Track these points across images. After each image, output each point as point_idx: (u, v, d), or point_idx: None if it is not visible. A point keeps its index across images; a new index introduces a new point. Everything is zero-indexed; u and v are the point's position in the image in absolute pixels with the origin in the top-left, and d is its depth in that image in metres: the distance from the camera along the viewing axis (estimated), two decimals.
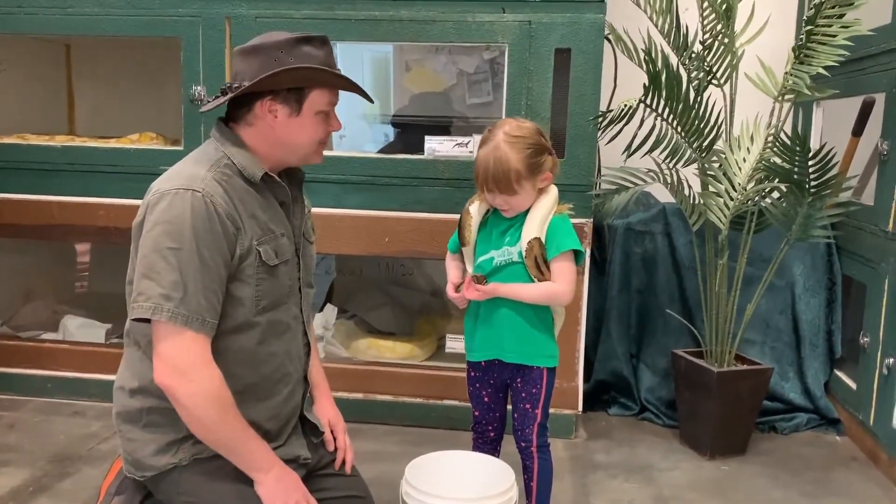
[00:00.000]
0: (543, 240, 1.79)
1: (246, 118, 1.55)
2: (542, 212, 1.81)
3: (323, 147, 1.62)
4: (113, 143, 2.85)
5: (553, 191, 1.85)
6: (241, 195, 1.50)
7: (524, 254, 1.80)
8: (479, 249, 1.89)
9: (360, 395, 2.75)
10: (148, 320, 1.41)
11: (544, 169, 1.80)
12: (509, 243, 1.83)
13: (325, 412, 1.78)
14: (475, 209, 1.90)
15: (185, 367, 1.40)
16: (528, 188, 1.78)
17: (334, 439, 1.75)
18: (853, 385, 2.74)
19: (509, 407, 1.95)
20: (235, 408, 1.44)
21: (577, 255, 1.82)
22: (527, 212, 1.83)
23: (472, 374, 1.95)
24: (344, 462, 1.74)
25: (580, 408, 2.67)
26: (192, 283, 1.40)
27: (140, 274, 1.42)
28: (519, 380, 1.87)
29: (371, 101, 1.69)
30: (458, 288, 1.89)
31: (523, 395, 1.87)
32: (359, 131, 3.75)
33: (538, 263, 1.78)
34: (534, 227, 1.79)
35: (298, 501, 1.50)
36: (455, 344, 2.76)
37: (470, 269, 1.92)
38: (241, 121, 1.56)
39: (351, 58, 3.69)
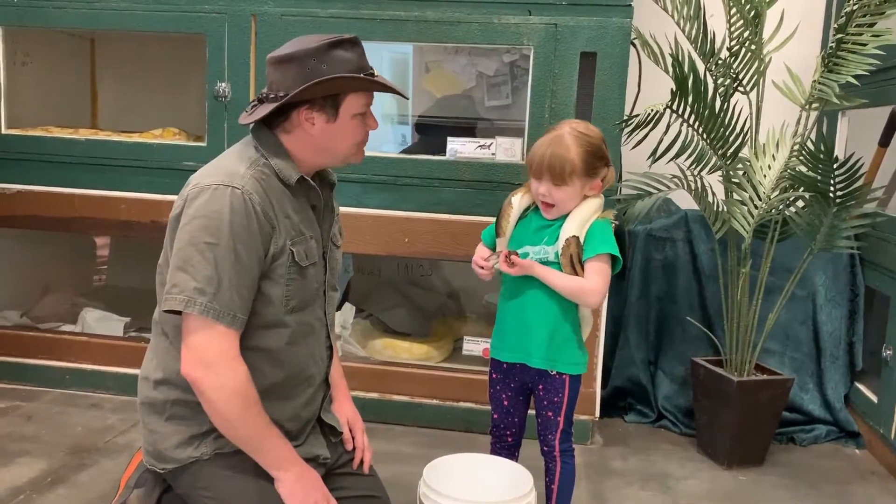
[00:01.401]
0: (582, 240, 1.78)
1: (283, 126, 1.55)
2: (584, 213, 1.79)
3: (363, 146, 1.63)
4: (136, 138, 2.87)
5: (600, 198, 1.84)
6: (277, 195, 1.51)
7: (560, 252, 1.78)
8: (512, 243, 1.87)
9: (376, 395, 2.74)
10: (179, 312, 1.42)
11: (598, 174, 1.79)
12: (547, 242, 1.81)
13: (344, 411, 1.77)
14: (517, 201, 1.88)
15: (212, 360, 1.40)
16: (576, 186, 1.77)
17: (353, 438, 1.75)
18: (874, 398, 2.70)
19: (531, 412, 1.94)
20: (260, 405, 1.44)
21: (614, 262, 1.81)
22: (568, 213, 1.81)
23: (494, 375, 1.93)
24: (362, 462, 1.74)
25: (597, 414, 2.65)
26: (226, 279, 1.40)
27: (175, 266, 1.42)
28: (541, 386, 1.85)
29: (406, 97, 1.71)
30: (488, 259, 1.84)
31: (545, 402, 1.86)
32: (378, 132, 3.74)
33: (573, 262, 1.76)
34: (573, 226, 1.78)
35: (318, 501, 1.49)
36: (472, 346, 2.76)
37: None
38: (279, 128, 1.56)
39: (371, 58, 3.68)
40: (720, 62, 2.53)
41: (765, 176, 2.42)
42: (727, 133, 2.44)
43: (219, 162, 1.55)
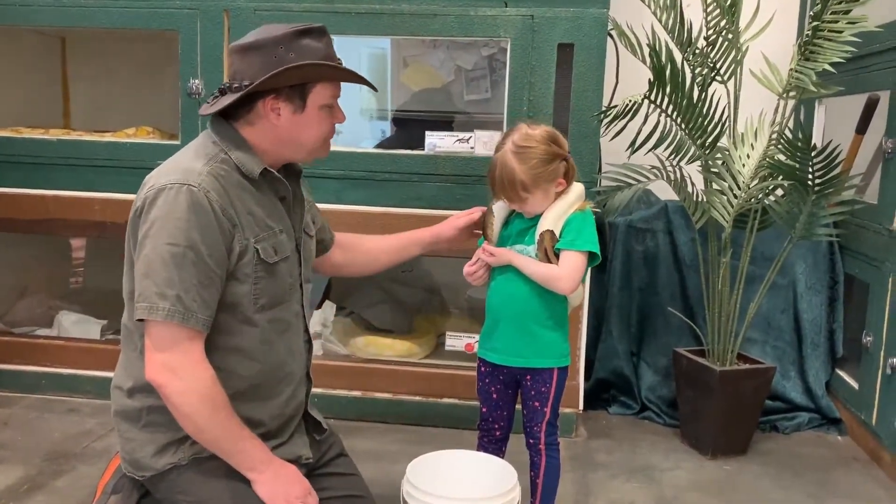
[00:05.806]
0: (558, 233, 1.78)
1: (247, 117, 1.51)
2: (559, 209, 1.80)
3: (329, 141, 1.60)
4: (109, 137, 2.82)
5: (575, 189, 1.83)
6: (238, 192, 1.47)
7: (536, 245, 1.79)
8: (500, 246, 1.88)
9: (358, 393, 2.72)
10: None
11: (555, 176, 1.78)
12: (527, 242, 1.82)
13: (442, 226, 1.97)
14: (498, 208, 1.90)
15: (176, 365, 1.37)
16: (537, 195, 1.77)
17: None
18: (855, 385, 2.72)
19: (518, 406, 1.93)
20: (229, 407, 1.41)
21: (593, 255, 1.80)
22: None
23: (483, 369, 1.93)
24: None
25: (581, 406, 2.65)
26: (187, 281, 1.37)
27: (140, 274, 1.39)
28: (529, 377, 1.85)
29: (375, 89, 1.67)
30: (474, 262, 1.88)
31: (533, 392, 1.85)
32: (356, 127, 3.71)
33: (548, 254, 1.77)
34: (548, 222, 1.79)
35: (299, 496, 1.47)
36: (455, 342, 2.74)
37: None
38: (242, 119, 1.51)
39: (348, 53, 3.63)
40: (697, 52, 2.52)
41: (744, 165, 2.42)
42: (705, 123, 2.43)
43: (176, 159, 1.50)
